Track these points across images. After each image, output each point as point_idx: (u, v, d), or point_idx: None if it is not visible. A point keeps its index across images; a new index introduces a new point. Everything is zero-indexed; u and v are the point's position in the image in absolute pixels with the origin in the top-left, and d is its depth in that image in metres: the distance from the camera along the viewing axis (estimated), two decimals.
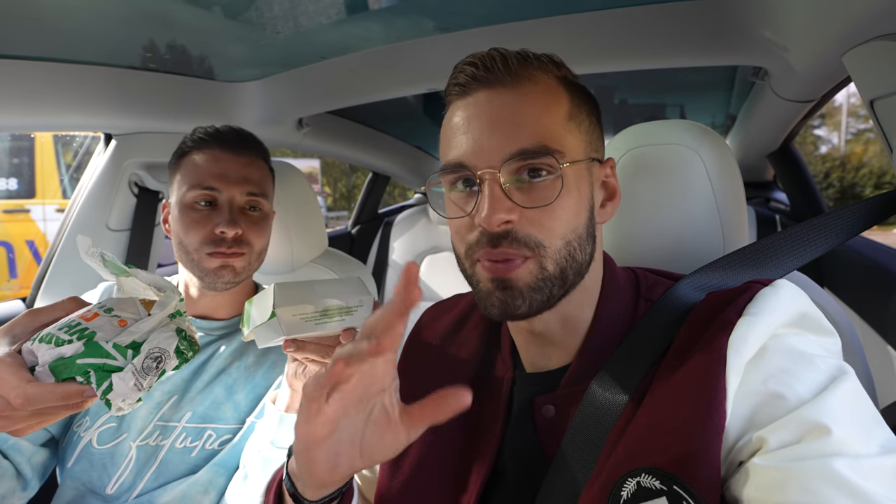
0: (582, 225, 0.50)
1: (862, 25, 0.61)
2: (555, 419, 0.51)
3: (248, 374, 0.88)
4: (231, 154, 0.89)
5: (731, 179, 0.68)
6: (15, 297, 1.26)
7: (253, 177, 0.89)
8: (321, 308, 0.60)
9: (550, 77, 0.51)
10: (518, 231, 0.48)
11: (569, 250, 0.49)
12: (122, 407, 0.53)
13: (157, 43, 0.98)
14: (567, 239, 0.49)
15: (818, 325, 0.45)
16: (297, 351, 0.63)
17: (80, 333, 0.52)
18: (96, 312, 0.55)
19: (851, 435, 0.37)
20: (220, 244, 0.84)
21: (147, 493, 0.81)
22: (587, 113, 0.53)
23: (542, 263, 0.48)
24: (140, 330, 0.56)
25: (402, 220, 2.36)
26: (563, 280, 0.50)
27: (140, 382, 0.54)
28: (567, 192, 0.49)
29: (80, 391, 0.50)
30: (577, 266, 0.50)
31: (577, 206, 0.50)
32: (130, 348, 0.54)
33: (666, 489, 0.39)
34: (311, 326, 0.59)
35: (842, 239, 0.57)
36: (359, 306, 0.63)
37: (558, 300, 0.51)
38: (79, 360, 0.51)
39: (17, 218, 4.25)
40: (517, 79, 0.49)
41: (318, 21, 0.93)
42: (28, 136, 4.25)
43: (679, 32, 0.92)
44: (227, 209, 0.85)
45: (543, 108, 0.49)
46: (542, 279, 0.49)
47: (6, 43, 0.87)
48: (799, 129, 1.47)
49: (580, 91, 0.53)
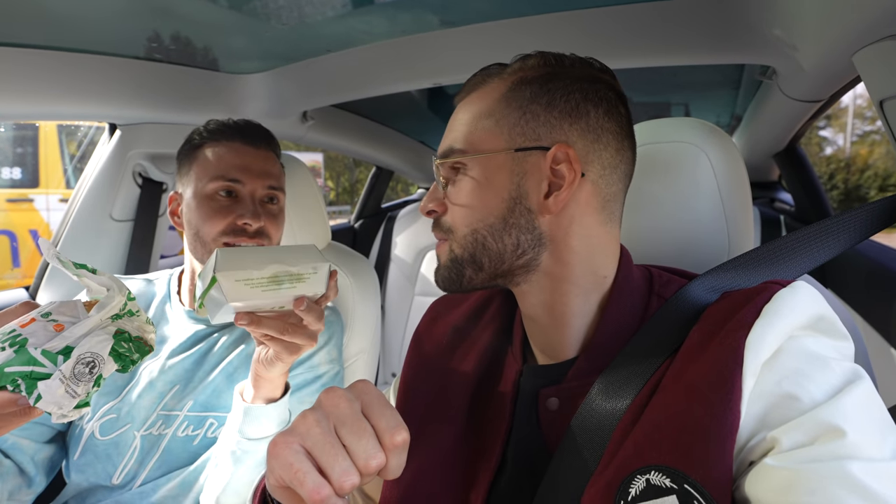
0: (495, 216, 0.52)
1: (873, 25, 0.61)
2: (559, 412, 0.51)
3: (248, 362, 0.88)
4: (253, 147, 0.91)
5: (738, 179, 0.68)
6: (18, 285, 1.27)
7: (273, 171, 0.92)
8: (268, 273, 0.56)
9: (497, 80, 0.55)
10: (440, 218, 0.56)
11: (475, 237, 0.53)
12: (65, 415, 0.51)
13: (161, 33, 0.98)
14: (473, 227, 0.53)
15: (834, 329, 0.45)
16: (251, 325, 0.60)
17: (12, 340, 0.51)
18: (33, 318, 0.53)
19: (865, 438, 0.37)
20: (240, 234, 0.85)
21: (151, 482, 0.82)
22: (524, 104, 0.51)
23: (451, 247, 0.55)
24: (74, 335, 0.53)
25: (405, 214, 2.36)
26: (478, 265, 0.54)
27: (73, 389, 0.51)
28: (473, 186, 0.53)
29: (13, 399, 0.49)
30: (493, 254, 0.53)
31: (490, 197, 0.52)
32: (62, 354, 0.52)
33: (676, 487, 0.39)
34: (257, 294, 0.56)
35: (855, 241, 0.57)
36: (312, 273, 0.59)
37: (487, 281, 0.55)
38: (7, 369, 0.49)
39: (21, 207, 4.25)
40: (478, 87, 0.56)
41: (324, 13, 0.92)
42: (32, 126, 4.26)
43: (687, 30, 0.91)
44: (250, 201, 0.87)
45: (468, 112, 0.55)
46: (451, 259, 0.55)
47: (10, 31, 0.87)
48: (806, 129, 1.46)
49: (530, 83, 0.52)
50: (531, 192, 0.51)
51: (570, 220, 0.52)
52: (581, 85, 0.52)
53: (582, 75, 0.53)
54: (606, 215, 0.54)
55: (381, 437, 0.39)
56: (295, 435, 0.39)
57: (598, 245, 0.54)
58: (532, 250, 0.52)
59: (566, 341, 0.54)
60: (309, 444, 0.38)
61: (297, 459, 0.37)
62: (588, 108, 0.52)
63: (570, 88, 0.52)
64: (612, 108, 0.53)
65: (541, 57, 0.54)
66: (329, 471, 0.37)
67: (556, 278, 0.53)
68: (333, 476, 0.36)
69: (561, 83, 0.52)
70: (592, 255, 0.53)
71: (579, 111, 0.52)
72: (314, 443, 0.38)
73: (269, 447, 0.39)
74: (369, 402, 0.41)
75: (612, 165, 0.53)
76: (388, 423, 0.39)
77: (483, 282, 0.55)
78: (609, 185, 0.53)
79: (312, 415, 0.39)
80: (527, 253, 0.52)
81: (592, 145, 0.52)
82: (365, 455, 0.38)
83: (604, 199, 0.53)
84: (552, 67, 0.54)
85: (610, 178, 0.53)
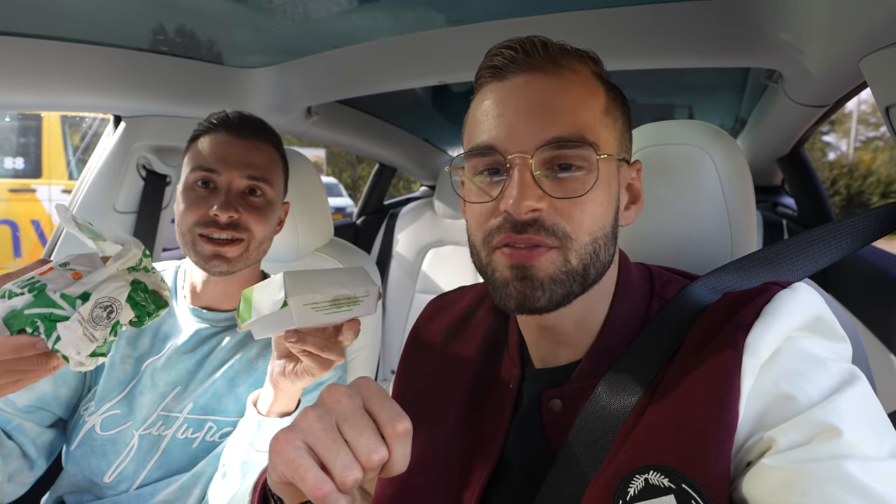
0: (609, 224, 0.50)
1: (881, 31, 0.60)
2: (562, 414, 0.51)
3: (250, 367, 0.87)
4: (235, 138, 0.87)
5: (742, 182, 0.68)
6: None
7: (255, 161, 0.87)
8: (331, 297, 0.58)
9: (588, 70, 0.51)
10: (545, 220, 0.46)
11: (594, 247, 0.48)
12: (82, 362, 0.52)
13: (166, 26, 0.98)
14: (594, 235, 0.48)
15: (831, 330, 0.45)
16: (297, 342, 0.60)
17: (31, 286, 0.52)
18: (51, 267, 0.55)
19: (862, 438, 0.37)
20: (211, 226, 0.82)
21: (150, 485, 0.81)
22: (620, 112, 0.52)
23: (566, 255, 0.47)
24: (92, 281, 0.54)
25: (407, 212, 2.36)
26: (585, 278, 0.48)
27: (91, 333, 0.52)
28: (599, 186, 0.48)
29: (32, 343, 0.50)
30: (600, 265, 0.49)
31: (607, 203, 0.49)
32: (80, 298, 0.53)
33: (674, 487, 0.39)
34: (321, 317, 0.58)
35: (856, 246, 0.57)
36: (365, 296, 0.62)
37: (576, 297, 0.49)
38: (26, 311, 0.50)
39: (23, 197, 4.26)
40: (558, 67, 0.49)
41: (329, 9, 0.92)
42: (36, 116, 4.26)
43: (694, 32, 0.91)
44: (225, 192, 0.84)
45: (582, 99, 0.48)
46: (566, 272, 0.47)
47: (15, 20, 0.87)
48: (810, 134, 1.46)
49: (615, 90, 0.53)
50: (621, 203, 0.52)
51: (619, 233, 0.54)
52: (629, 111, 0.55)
53: None
54: None
55: (383, 428, 0.39)
56: (297, 431, 0.39)
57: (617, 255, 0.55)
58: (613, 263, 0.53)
59: (577, 346, 0.54)
60: (311, 440, 0.38)
61: (298, 455, 0.37)
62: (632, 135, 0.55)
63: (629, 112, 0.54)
64: None
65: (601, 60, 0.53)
66: (331, 466, 0.37)
67: (603, 290, 0.53)
68: (336, 471, 0.36)
69: (627, 103, 0.54)
70: (616, 264, 0.55)
71: (631, 135, 0.55)
72: (316, 439, 0.38)
73: (272, 443, 0.39)
74: (369, 396, 0.41)
75: None
76: (389, 414, 0.39)
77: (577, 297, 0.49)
78: None
79: (314, 411, 0.39)
80: (610, 265, 0.52)
81: None
82: (367, 449, 0.38)
83: None
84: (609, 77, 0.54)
85: None
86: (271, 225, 0.91)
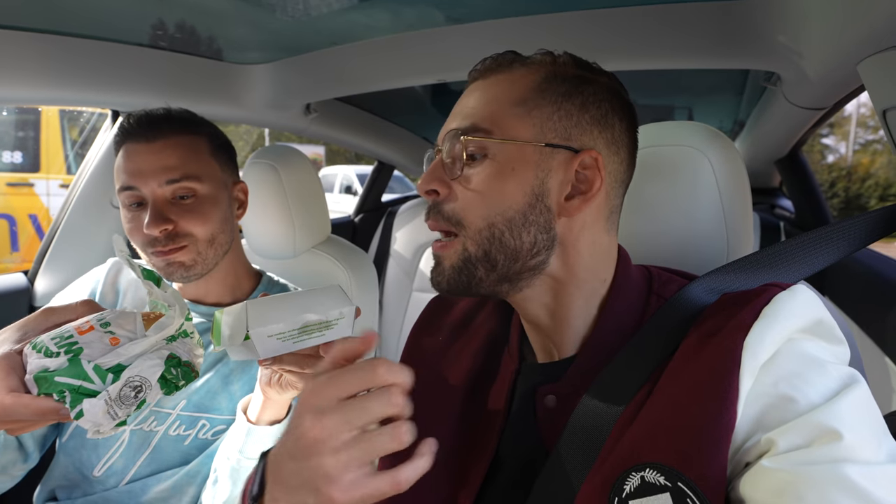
0: (514, 209, 0.49)
1: (880, 34, 0.61)
2: (557, 409, 0.51)
3: (244, 365, 0.87)
4: (142, 143, 0.81)
5: (739, 183, 0.68)
6: (17, 269, 1.27)
7: (171, 163, 0.80)
8: (299, 325, 0.56)
9: (523, 69, 0.53)
10: (442, 205, 0.52)
11: (492, 232, 0.50)
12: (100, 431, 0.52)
13: (166, 21, 0.97)
14: (490, 220, 0.50)
15: (831, 333, 0.45)
16: (273, 364, 0.61)
17: (67, 347, 0.51)
18: (92, 326, 0.54)
19: (862, 441, 0.37)
20: (155, 243, 0.80)
21: (140, 480, 0.81)
22: (556, 99, 0.51)
23: (463, 244, 0.51)
24: (128, 353, 0.53)
25: (406, 210, 2.36)
26: (491, 264, 0.50)
27: (114, 412, 0.51)
28: (496, 172, 0.50)
29: (56, 409, 0.49)
30: (508, 252, 0.50)
31: (512, 188, 0.49)
32: (112, 372, 0.52)
33: (670, 485, 0.39)
34: (288, 346, 0.56)
35: (853, 249, 0.57)
36: (339, 318, 0.59)
37: (497, 284, 0.52)
38: (57, 378, 0.50)
39: (21, 191, 4.25)
40: (497, 71, 0.53)
41: (329, 6, 0.92)
42: (34, 110, 4.25)
43: (693, 34, 0.91)
44: (151, 206, 0.79)
45: (494, 95, 0.52)
46: (464, 260, 0.51)
47: (14, 14, 0.86)
48: (808, 136, 1.46)
49: (561, 78, 0.52)
50: (553, 191, 0.51)
51: (582, 225, 0.52)
52: (610, 95, 0.53)
53: (610, 86, 0.54)
54: (612, 223, 0.55)
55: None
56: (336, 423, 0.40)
57: (602, 251, 0.54)
58: (545, 251, 0.52)
59: (566, 341, 0.54)
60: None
61: None
62: (614, 121, 0.53)
63: (601, 96, 0.53)
64: (631, 124, 0.55)
65: (570, 57, 0.54)
66: None
67: (561, 282, 0.53)
68: None
69: (593, 88, 0.53)
70: (596, 260, 0.54)
71: (607, 121, 0.52)
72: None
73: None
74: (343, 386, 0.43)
75: (622, 180, 0.55)
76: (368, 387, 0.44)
77: (491, 285, 0.52)
78: (617, 197, 0.55)
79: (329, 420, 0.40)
80: (540, 253, 0.52)
81: (612, 157, 0.53)
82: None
83: (611, 209, 0.54)
84: (584, 70, 0.54)
85: (618, 191, 0.55)
86: (217, 218, 0.85)
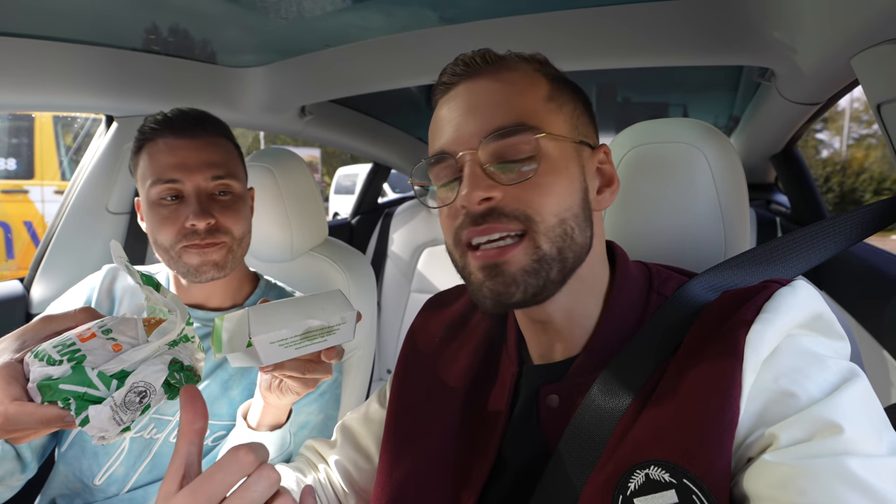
0: (576, 205, 0.50)
1: (872, 29, 0.61)
2: (559, 409, 0.51)
3: (243, 370, 0.86)
4: (186, 139, 0.83)
5: (735, 179, 0.68)
6: (12, 277, 1.26)
7: (215, 159, 0.83)
8: (301, 331, 0.56)
9: (528, 66, 0.53)
10: (504, 206, 0.47)
11: (564, 228, 0.48)
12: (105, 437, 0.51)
13: (159, 25, 0.97)
14: (561, 216, 0.48)
15: (831, 328, 0.45)
16: (275, 370, 0.60)
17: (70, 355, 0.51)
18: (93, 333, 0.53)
19: (863, 435, 0.37)
20: (193, 237, 0.80)
21: (141, 487, 0.81)
22: (569, 98, 0.53)
23: (535, 241, 0.47)
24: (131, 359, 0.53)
25: (402, 211, 2.36)
26: (563, 262, 0.48)
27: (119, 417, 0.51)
28: (553, 168, 0.49)
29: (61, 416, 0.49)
30: (576, 248, 0.49)
31: (567, 184, 0.49)
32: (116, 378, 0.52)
33: (675, 482, 0.39)
34: (291, 352, 0.56)
35: (849, 243, 0.57)
36: (341, 324, 0.59)
37: (557, 287, 0.49)
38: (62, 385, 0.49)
39: (15, 198, 4.23)
40: (495, 68, 0.51)
41: (322, 8, 0.92)
42: (28, 117, 4.23)
43: (686, 31, 0.91)
44: (195, 199, 0.81)
45: (521, 90, 0.50)
46: (538, 259, 0.47)
47: (6, 20, 0.86)
48: (803, 131, 1.47)
49: (561, 79, 0.54)
50: (590, 186, 0.52)
51: (599, 218, 0.54)
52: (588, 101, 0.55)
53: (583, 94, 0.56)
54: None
55: None
56: None
57: (603, 247, 0.56)
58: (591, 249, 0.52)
59: (574, 340, 0.54)
60: None
61: None
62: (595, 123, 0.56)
63: (587, 101, 0.55)
64: None
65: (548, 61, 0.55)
66: None
67: (583, 280, 0.53)
68: None
69: (581, 92, 0.55)
70: (602, 254, 0.55)
71: (594, 123, 0.55)
72: None
73: None
74: None
75: None
76: None
77: (557, 285, 0.49)
78: None
79: None
80: (589, 250, 0.52)
81: None
82: None
83: None
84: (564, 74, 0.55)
85: None
86: (247, 218, 0.89)
